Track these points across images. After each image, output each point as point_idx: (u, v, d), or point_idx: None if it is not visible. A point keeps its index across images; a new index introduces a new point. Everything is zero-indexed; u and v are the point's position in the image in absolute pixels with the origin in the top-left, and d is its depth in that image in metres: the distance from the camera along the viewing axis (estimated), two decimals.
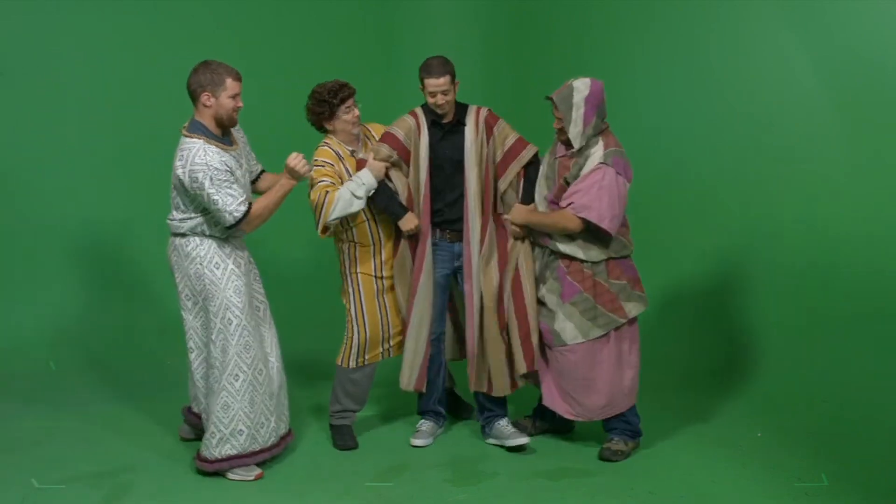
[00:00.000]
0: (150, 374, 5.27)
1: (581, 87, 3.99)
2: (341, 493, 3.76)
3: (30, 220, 5.69)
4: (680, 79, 5.50)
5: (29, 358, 5.38)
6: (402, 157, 4.15)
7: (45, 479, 3.85)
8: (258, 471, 3.92)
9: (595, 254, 4.01)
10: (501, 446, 4.24)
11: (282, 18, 6.36)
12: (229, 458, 3.87)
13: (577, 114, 3.97)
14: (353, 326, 4.23)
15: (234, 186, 3.78)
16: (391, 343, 4.28)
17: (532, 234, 4.17)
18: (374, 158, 4.12)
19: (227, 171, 3.78)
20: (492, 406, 4.30)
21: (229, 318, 3.84)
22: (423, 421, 4.31)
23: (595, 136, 4.01)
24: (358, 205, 4.04)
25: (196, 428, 4.21)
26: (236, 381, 3.85)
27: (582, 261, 4.03)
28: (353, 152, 4.20)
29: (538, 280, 4.15)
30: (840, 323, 4.67)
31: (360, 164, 4.13)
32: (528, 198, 4.18)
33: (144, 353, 5.58)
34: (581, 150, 4.01)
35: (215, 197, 3.73)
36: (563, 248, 4.03)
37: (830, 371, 4.63)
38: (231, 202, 3.75)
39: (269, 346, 4.05)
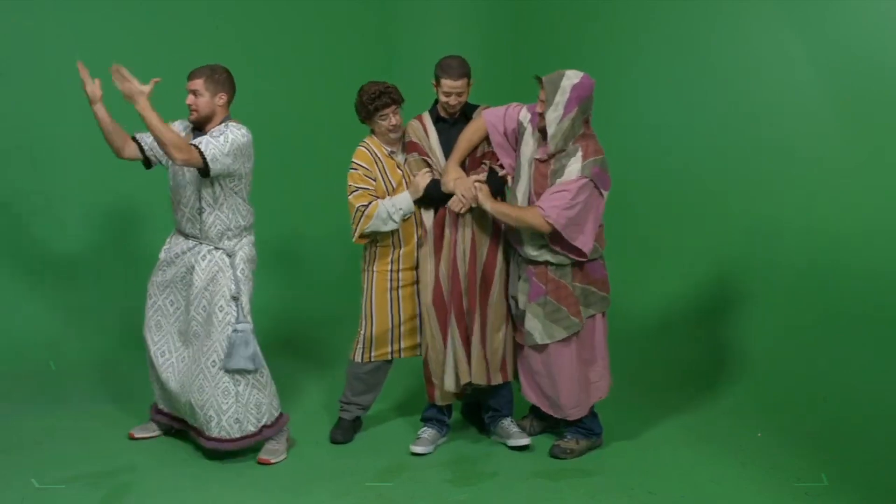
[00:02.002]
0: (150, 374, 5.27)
1: (572, 75, 3.92)
2: (341, 493, 3.76)
3: (30, 220, 5.69)
4: (680, 78, 5.51)
5: (29, 358, 5.37)
6: (422, 155, 4.19)
7: (45, 479, 3.85)
8: (142, 434, 4.33)
9: (564, 258, 4.00)
10: (504, 444, 4.26)
11: (282, 18, 6.37)
12: (153, 408, 4.39)
13: (561, 98, 3.88)
14: (362, 321, 4.28)
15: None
16: (402, 344, 4.29)
17: (506, 236, 4.17)
18: (413, 173, 4.18)
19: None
20: (497, 406, 4.31)
21: (149, 291, 4.28)
22: (425, 428, 4.29)
23: (574, 143, 3.93)
24: (391, 226, 4.13)
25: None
26: (147, 350, 4.26)
27: (548, 264, 4.03)
28: (391, 153, 4.23)
29: (511, 279, 4.17)
30: (840, 323, 4.67)
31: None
32: (493, 189, 4.14)
33: (144, 353, 5.58)
34: (558, 157, 3.94)
35: None
36: (534, 253, 4.02)
37: (830, 371, 4.63)
38: None
39: (196, 345, 4.10)
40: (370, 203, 4.11)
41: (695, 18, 5.39)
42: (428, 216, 4.18)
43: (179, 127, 4.17)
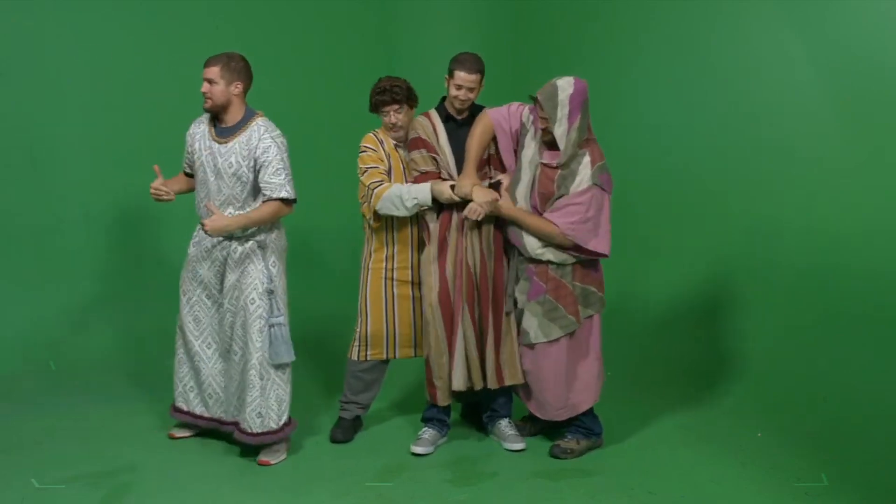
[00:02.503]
0: (150, 374, 5.28)
1: (565, 85, 3.93)
2: (341, 493, 3.76)
3: (30, 221, 5.69)
4: (680, 78, 5.51)
5: (29, 358, 5.37)
6: (431, 152, 4.17)
7: (45, 479, 3.85)
8: (182, 433, 4.32)
9: (565, 256, 4.02)
10: (500, 444, 4.27)
11: (283, 18, 6.37)
12: (171, 407, 4.33)
13: (563, 112, 3.91)
14: (358, 319, 4.30)
15: (186, 149, 4.22)
16: (398, 350, 4.30)
17: (504, 233, 4.18)
18: (410, 163, 4.18)
19: (187, 139, 4.20)
20: (495, 406, 4.32)
21: (182, 288, 4.25)
22: (425, 428, 4.29)
23: (582, 149, 3.97)
24: (402, 212, 4.10)
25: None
26: (180, 348, 4.27)
27: (550, 262, 4.03)
28: (396, 146, 4.26)
29: (510, 279, 4.17)
30: (840, 323, 4.67)
31: (422, 181, 4.13)
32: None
33: (145, 353, 5.58)
34: (566, 164, 3.96)
35: None
36: (538, 251, 4.02)
37: (830, 371, 4.63)
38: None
39: (228, 337, 4.15)
40: (381, 182, 4.12)
41: (695, 18, 5.39)
42: (432, 218, 4.17)
43: (195, 126, 4.17)
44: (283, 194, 3.96)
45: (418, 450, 4.17)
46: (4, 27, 5.55)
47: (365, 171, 4.17)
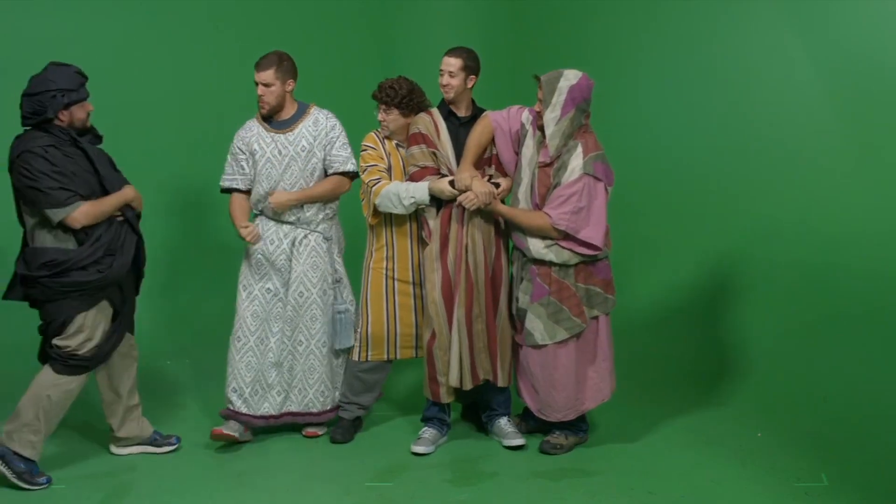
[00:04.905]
0: (150, 374, 5.27)
1: (571, 76, 3.98)
2: (341, 493, 3.77)
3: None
4: (680, 78, 5.51)
5: (29, 358, 5.36)
6: (430, 147, 4.18)
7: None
8: (235, 434, 4.22)
9: (567, 256, 4.02)
10: (500, 443, 4.27)
11: (282, 18, 6.37)
12: (229, 411, 4.26)
13: (558, 99, 3.94)
14: (359, 319, 4.32)
15: (231, 162, 4.27)
16: (399, 350, 4.30)
17: (509, 234, 4.20)
18: (409, 161, 4.19)
19: (238, 148, 4.24)
20: (494, 405, 4.32)
21: (242, 283, 4.28)
22: (426, 428, 4.29)
23: (573, 140, 3.98)
24: (400, 210, 4.12)
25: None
26: (238, 342, 4.24)
27: (552, 264, 4.03)
28: (397, 145, 4.29)
29: (515, 280, 4.19)
30: (840, 323, 4.67)
31: (420, 175, 4.14)
32: None
33: (145, 353, 5.57)
34: (559, 156, 3.99)
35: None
36: (538, 253, 4.03)
37: (830, 371, 4.63)
38: (224, 174, 4.31)
39: (290, 328, 4.25)
40: (380, 180, 4.15)
41: (695, 18, 5.39)
42: (431, 216, 4.16)
43: (245, 132, 4.24)
44: (350, 167, 4.24)
45: (419, 449, 4.16)
46: (4, 27, 5.55)
47: (365, 170, 4.22)
